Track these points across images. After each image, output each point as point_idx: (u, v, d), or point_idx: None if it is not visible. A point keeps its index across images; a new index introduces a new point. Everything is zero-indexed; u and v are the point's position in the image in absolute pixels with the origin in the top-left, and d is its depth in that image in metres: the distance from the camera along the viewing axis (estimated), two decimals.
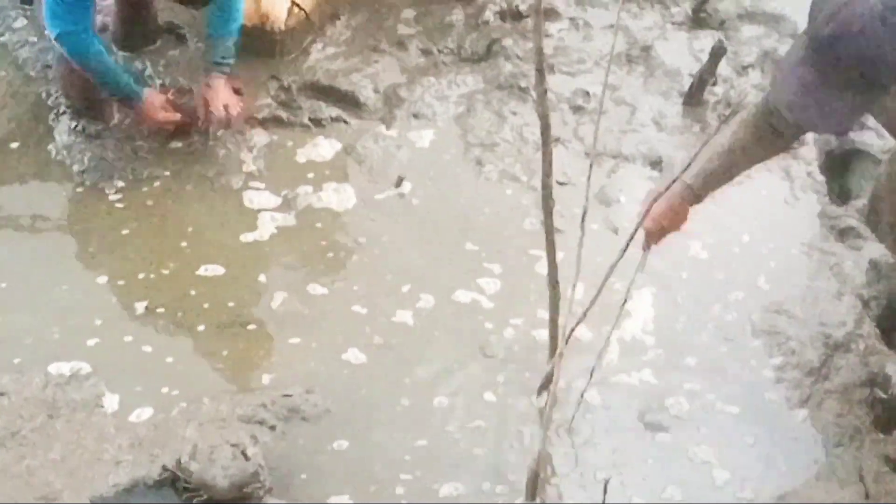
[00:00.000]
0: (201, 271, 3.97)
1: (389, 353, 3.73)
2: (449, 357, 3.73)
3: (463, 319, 3.88)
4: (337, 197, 4.34)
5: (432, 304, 3.91)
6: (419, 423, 3.50)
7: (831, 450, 3.46)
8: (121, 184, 4.29)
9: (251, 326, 3.80)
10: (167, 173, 4.36)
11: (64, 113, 4.49)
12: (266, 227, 4.18)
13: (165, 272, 3.97)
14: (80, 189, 4.28)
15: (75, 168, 4.33)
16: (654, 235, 3.51)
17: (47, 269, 3.96)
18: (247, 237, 4.14)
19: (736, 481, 3.39)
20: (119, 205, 4.22)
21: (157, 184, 4.32)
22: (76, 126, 4.43)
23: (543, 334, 3.58)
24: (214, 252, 4.06)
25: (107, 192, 4.26)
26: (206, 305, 3.84)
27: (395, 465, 3.37)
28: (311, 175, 4.42)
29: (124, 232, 4.12)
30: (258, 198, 4.30)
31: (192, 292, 3.89)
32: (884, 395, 3.51)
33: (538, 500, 3.28)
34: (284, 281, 3.98)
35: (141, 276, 3.94)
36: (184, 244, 4.09)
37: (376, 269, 4.06)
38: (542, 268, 3.51)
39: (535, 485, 3.28)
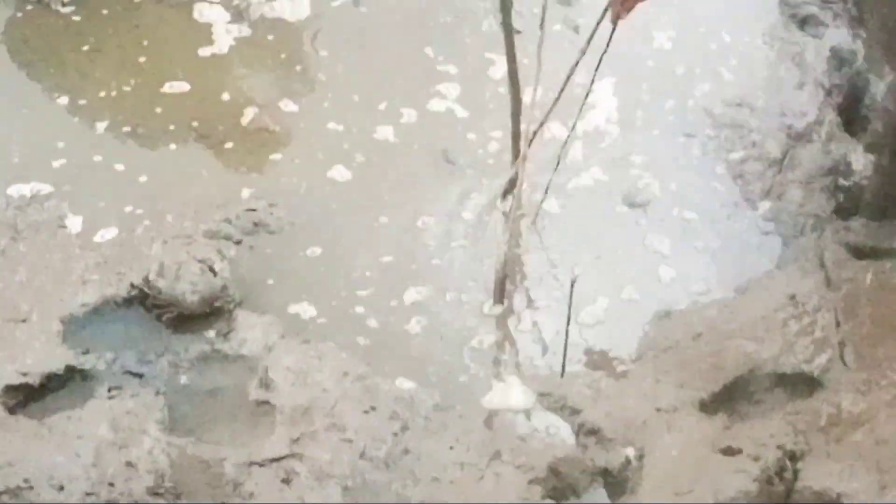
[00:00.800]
0: (166, 88, 3.89)
1: (370, 170, 3.69)
2: (428, 173, 3.69)
3: (441, 132, 3.82)
4: (291, 6, 4.24)
5: (411, 118, 3.85)
6: (392, 239, 3.49)
7: (793, 239, 3.51)
8: None
9: (228, 144, 3.74)
10: None
11: None
12: (223, 40, 4.09)
13: (127, 89, 3.89)
14: (29, 6, 4.15)
15: None
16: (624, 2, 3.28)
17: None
18: (205, 51, 4.05)
19: (690, 276, 3.43)
20: (75, 17, 4.10)
21: None
22: None
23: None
24: (176, 68, 3.97)
25: (53, 6, 4.13)
26: (172, 126, 3.77)
27: (360, 276, 3.38)
28: None
29: (84, 48, 4.02)
30: (208, 11, 4.19)
31: (158, 110, 3.82)
32: (846, 183, 3.54)
33: (506, 303, 3.32)
34: (253, 96, 3.90)
35: (102, 94, 3.86)
36: (142, 59, 4.00)
37: (343, 83, 3.98)
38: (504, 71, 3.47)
39: (502, 287, 3.31)
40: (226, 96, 3.90)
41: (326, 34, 4.15)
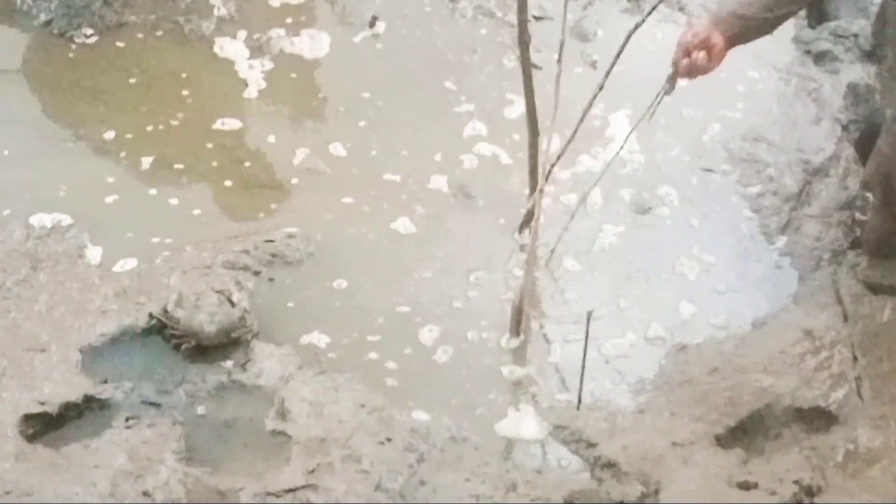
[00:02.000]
0: (218, 125, 3.92)
1: (430, 221, 3.67)
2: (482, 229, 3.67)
3: (496, 183, 3.79)
4: (311, 42, 4.27)
5: (462, 167, 3.85)
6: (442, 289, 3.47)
7: (809, 274, 3.51)
8: (90, 31, 4.20)
9: (294, 180, 3.75)
10: (135, 19, 4.27)
11: None
12: (250, 75, 4.13)
13: (175, 123, 3.91)
14: (54, 39, 4.20)
15: (42, 17, 4.24)
16: (684, 71, 3.24)
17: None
18: (245, 90, 4.09)
19: (710, 311, 3.43)
20: (118, 43, 4.18)
21: (127, 31, 4.24)
22: None
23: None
24: (218, 104, 4.01)
25: (76, 39, 4.17)
26: (215, 163, 3.79)
27: (375, 318, 3.37)
28: (287, 19, 4.35)
29: (131, 81, 4.07)
30: (229, 46, 4.23)
31: (209, 146, 3.85)
32: (863, 217, 3.54)
33: (523, 336, 3.32)
34: (300, 137, 3.93)
35: (150, 128, 3.89)
36: (185, 92, 4.04)
37: (383, 124, 4.00)
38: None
39: (518, 319, 3.31)
40: (272, 138, 3.91)
41: (348, 70, 4.18)
